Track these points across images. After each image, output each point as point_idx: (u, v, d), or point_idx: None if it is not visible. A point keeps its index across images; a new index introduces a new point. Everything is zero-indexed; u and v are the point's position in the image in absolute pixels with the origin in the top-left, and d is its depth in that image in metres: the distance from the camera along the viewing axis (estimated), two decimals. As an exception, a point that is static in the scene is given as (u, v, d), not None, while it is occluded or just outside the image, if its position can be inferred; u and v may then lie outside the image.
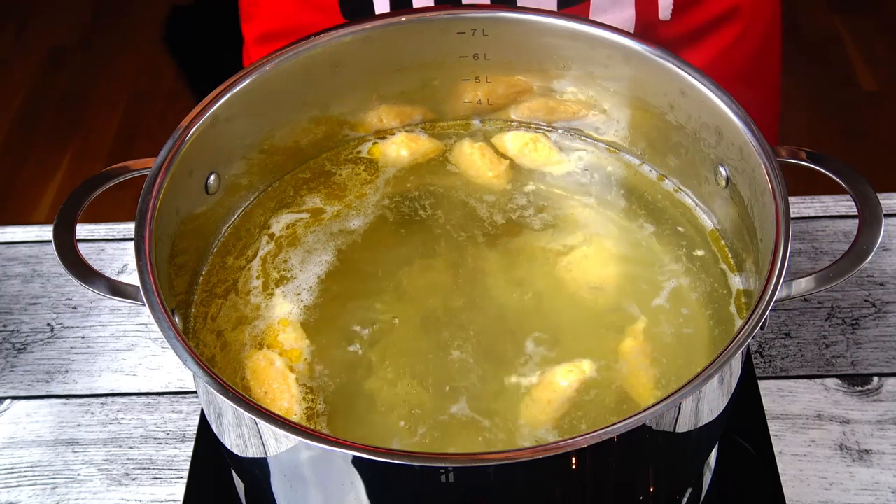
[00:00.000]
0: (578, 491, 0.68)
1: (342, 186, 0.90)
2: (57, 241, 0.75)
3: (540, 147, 0.92)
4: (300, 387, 0.76)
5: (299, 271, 0.84)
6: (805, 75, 2.58)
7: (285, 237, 0.86)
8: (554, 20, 0.86)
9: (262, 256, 0.85)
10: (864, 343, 0.93)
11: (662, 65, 0.83)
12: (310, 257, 0.85)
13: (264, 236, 0.87)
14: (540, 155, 0.92)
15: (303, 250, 0.85)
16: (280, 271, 0.84)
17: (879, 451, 0.85)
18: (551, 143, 0.93)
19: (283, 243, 0.86)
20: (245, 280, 0.84)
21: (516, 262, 0.84)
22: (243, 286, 0.83)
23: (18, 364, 0.95)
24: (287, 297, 0.82)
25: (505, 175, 0.91)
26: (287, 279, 0.83)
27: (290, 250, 0.85)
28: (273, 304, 0.82)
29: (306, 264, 0.84)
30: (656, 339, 0.79)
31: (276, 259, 0.85)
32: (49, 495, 0.86)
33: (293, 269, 0.84)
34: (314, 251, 0.85)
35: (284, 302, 0.82)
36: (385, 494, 0.68)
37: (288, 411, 0.75)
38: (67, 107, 2.62)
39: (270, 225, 0.88)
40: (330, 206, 0.89)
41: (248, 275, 0.84)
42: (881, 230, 0.73)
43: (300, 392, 0.76)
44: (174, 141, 0.78)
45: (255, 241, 0.87)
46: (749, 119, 0.78)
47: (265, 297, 0.82)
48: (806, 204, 1.04)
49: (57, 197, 2.37)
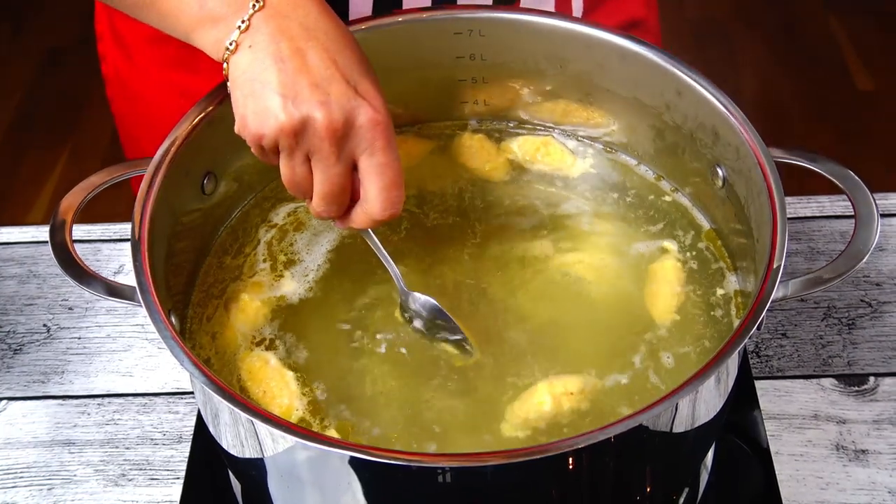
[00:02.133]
0: (576, 491, 0.68)
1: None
2: (53, 241, 0.75)
3: (552, 150, 0.92)
4: (298, 382, 0.76)
5: (291, 266, 0.84)
6: (800, 75, 2.59)
7: (276, 237, 0.87)
8: (550, 21, 0.86)
9: (256, 249, 0.85)
10: (861, 343, 0.93)
11: (659, 65, 0.83)
12: (307, 251, 0.85)
13: (263, 227, 0.88)
14: (554, 158, 0.92)
15: (291, 249, 0.86)
16: (281, 260, 0.84)
17: (876, 450, 0.85)
18: (561, 144, 0.93)
19: (274, 241, 0.86)
20: (251, 264, 0.85)
21: (513, 260, 0.85)
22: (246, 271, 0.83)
23: (15, 365, 0.95)
24: (294, 277, 0.83)
25: (503, 168, 0.91)
26: (288, 263, 0.83)
27: (282, 242, 0.86)
28: (280, 283, 0.83)
29: (295, 266, 0.85)
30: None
31: (272, 248, 0.85)
32: (45, 496, 0.86)
33: (291, 259, 0.84)
34: (303, 256, 0.86)
35: (291, 281, 0.83)
36: (382, 495, 0.68)
37: (289, 408, 0.75)
38: (64, 107, 2.62)
39: (270, 218, 0.88)
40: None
41: (248, 263, 0.84)
42: (877, 230, 0.73)
43: (299, 388, 0.76)
44: (170, 141, 0.78)
45: (252, 239, 0.87)
46: (746, 119, 0.78)
47: (273, 278, 0.83)
48: (802, 204, 1.04)
49: (53, 197, 2.37)
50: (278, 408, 0.75)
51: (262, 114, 0.70)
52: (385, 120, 0.71)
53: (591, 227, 0.87)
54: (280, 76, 0.69)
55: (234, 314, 0.81)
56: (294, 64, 0.70)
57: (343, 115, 0.69)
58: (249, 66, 0.71)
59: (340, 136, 0.70)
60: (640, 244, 0.85)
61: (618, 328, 0.80)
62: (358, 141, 0.70)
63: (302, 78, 0.69)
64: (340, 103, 0.69)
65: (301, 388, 0.76)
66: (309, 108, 0.69)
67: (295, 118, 0.69)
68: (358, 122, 0.70)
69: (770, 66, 2.63)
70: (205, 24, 0.73)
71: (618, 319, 0.80)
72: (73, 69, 2.72)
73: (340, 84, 0.70)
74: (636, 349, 0.78)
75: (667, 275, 0.82)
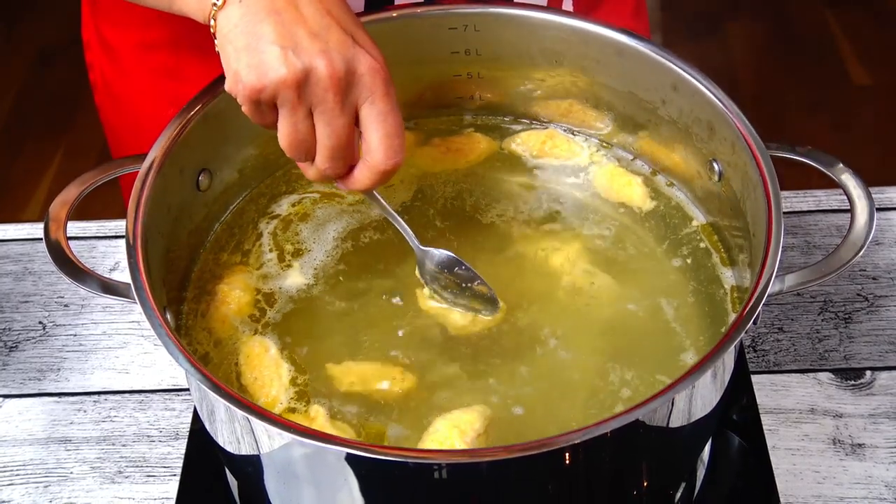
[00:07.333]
0: (572, 487, 0.68)
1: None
2: (48, 238, 0.75)
3: (559, 142, 0.92)
4: (291, 376, 0.76)
5: (288, 265, 0.84)
6: (796, 69, 2.59)
7: (280, 227, 0.86)
8: (546, 15, 0.86)
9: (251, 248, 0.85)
10: (857, 337, 0.93)
11: (654, 59, 0.83)
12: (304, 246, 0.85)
13: (263, 221, 0.88)
14: (563, 150, 0.91)
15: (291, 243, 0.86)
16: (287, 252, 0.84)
17: (872, 444, 0.86)
18: (564, 134, 0.92)
19: (279, 230, 0.86)
20: (257, 255, 0.85)
21: (506, 251, 0.85)
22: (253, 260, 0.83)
23: (10, 362, 0.94)
24: (301, 269, 0.84)
25: (507, 161, 0.91)
26: (294, 252, 0.83)
27: (279, 238, 0.86)
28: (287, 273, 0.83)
29: (290, 267, 0.84)
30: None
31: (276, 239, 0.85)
32: (42, 493, 0.85)
33: (284, 258, 0.84)
34: (310, 246, 0.85)
35: (298, 275, 0.83)
36: (378, 491, 0.68)
37: (275, 399, 0.75)
38: (58, 105, 2.61)
39: (270, 212, 0.88)
40: (320, 207, 0.88)
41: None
42: (873, 224, 0.73)
43: (290, 380, 0.76)
44: (165, 138, 0.78)
45: (247, 236, 0.87)
46: (741, 114, 0.78)
47: (281, 268, 0.83)
48: (798, 198, 1.04)
49: (48, 195, 2.37)
50: (264, 397, 0.75)
51: (260, 67, 0.68)
52: (384, 68, 0.70)
53: (584, 221, 0.87)
54: (277, 27, 0.68)
55: (234, 302, 0.81)
56: (290, 15, 0.68)
57: (345, 64, 0.68)
58: (241, 19, 0.69)
59: (344, 85, 0.68)
60: (635, 239, 0.85)
61: (611, 323, 0.80)
62: (360, 90, 0.69)
63: (299, 28, 0.68)
64: (341, 52, 0.68)
65: (291, 382, 0.76)
66: (310, 57, 0.67)
67: (297, 68, 0.67)
68: (359, 70, 0.69)
69: (766, 61, 2.63)
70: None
71: (611, 315, 0.80)
72: (67, 68, 2.71)
73: (339, 33, 0.69)
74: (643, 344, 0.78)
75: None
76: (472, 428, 0.71)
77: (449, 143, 0.92)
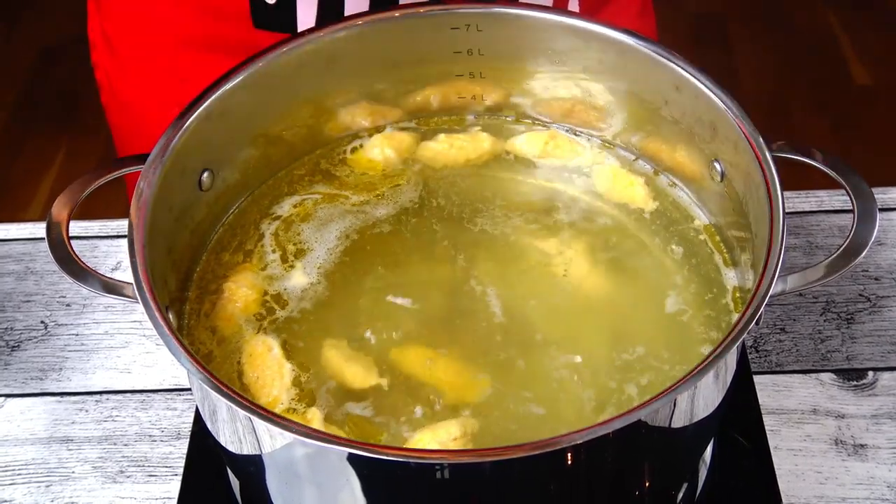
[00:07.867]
0: (574, 487, 0.68)
1: (341, 182, 0.90)
2: (50, 238, 0.75)
3: (561, 142, 0.92)
4: (294, 377, 0.76)
5: (291, 263, 0.84)
6: (799, 70, 2.59)
7: (282, 228, 0.87)
8: (548, 15, 0.86)
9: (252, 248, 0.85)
10: (860, 338, 0.93)
11: (657, 60, 0.82)
12: (306, 244, 0.85)
13: (265, 221, 0.87)
14: (565, 151, 0.91)
15: (294, 241, 0.86)
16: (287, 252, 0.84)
17: (875, 445, 0.85)
18: (567, 135, 0.92)
19: (281, 229, 0.86)
20: (260, 255, 0.85)
21: (506, 254, 0.84)
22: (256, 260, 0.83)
23: (12, 362, 0.95)
24: (304, 269, 0.83)
25: (511, 162, 0.91)
26: (295, 254, 0.83)
27: (279, 239, 0.86)
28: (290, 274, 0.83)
29: (295, 262, 0.84)
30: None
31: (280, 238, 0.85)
32: (43, 493, 0.85)
33: (289, 256, 0.84)
34: (312, 245, 0.85)
35: (301, 275, 0.83)
36: (380, 491, 0.68)
37: (276, 399, 0.75)
38: (62, 104, 2.61)
39: (270, 213, 0.88)
40: (322, 207, 0.88)
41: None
42: (876, 225, 0.73)
43: (291, 381, 0.76)
44: (167, 137, 0.78)
45: (249, 237, 0.87)
46: (744, 114, 0.78)
47: (284, 268, 0.84)
48: (801, 199, 1.04)
49: (50, 194, 2.37)
50: (266, 397, 0.75)
51: None
52: None
53: (586, 222, 0.87)
54: None
55: (240, 300, 0.81)
56: None
57: None
58: None
59: None
60: (637, 239, 0.85)
61: (613, 324, 0.80)
62: None
63: None
64: None
65: (294, 382, 0.76)
66: None
67: None
68: None
69: (768, 61, 2.63)
70: None
71: (613, 316, 0.80)
72: (71, 66, 2.71)
73: None
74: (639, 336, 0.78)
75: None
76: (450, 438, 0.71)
77: (453, 140, 0.92)
